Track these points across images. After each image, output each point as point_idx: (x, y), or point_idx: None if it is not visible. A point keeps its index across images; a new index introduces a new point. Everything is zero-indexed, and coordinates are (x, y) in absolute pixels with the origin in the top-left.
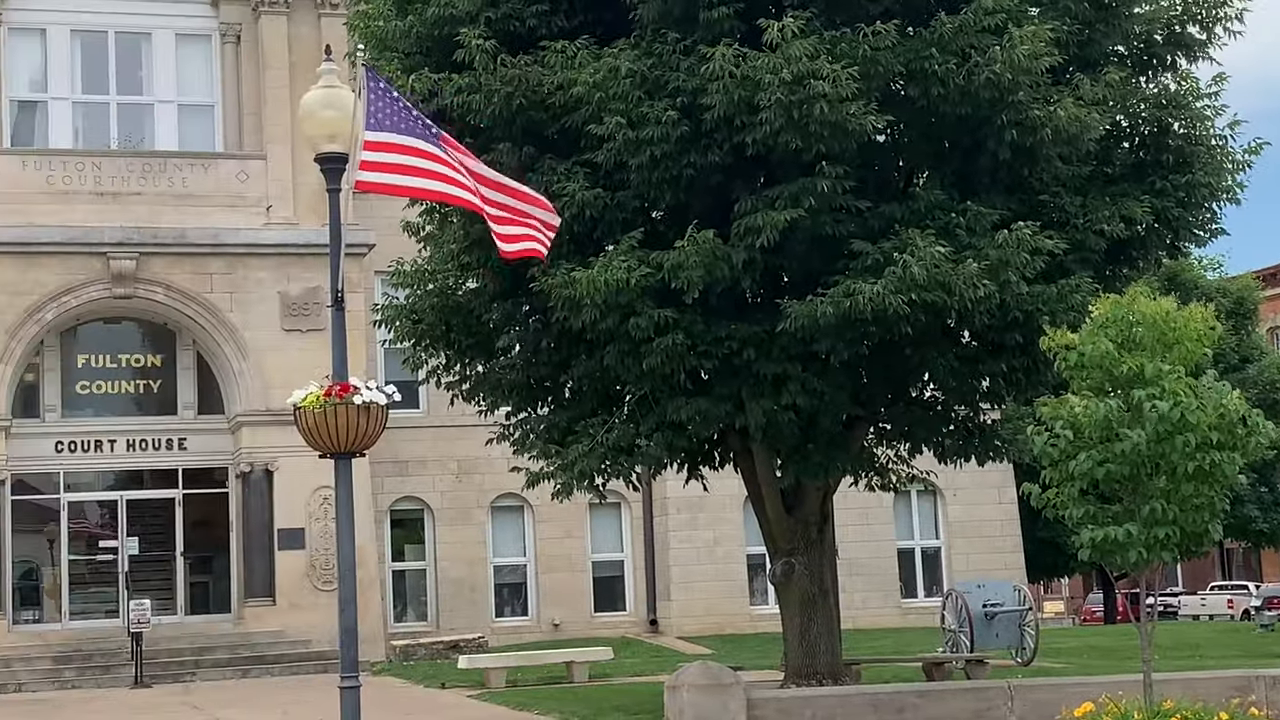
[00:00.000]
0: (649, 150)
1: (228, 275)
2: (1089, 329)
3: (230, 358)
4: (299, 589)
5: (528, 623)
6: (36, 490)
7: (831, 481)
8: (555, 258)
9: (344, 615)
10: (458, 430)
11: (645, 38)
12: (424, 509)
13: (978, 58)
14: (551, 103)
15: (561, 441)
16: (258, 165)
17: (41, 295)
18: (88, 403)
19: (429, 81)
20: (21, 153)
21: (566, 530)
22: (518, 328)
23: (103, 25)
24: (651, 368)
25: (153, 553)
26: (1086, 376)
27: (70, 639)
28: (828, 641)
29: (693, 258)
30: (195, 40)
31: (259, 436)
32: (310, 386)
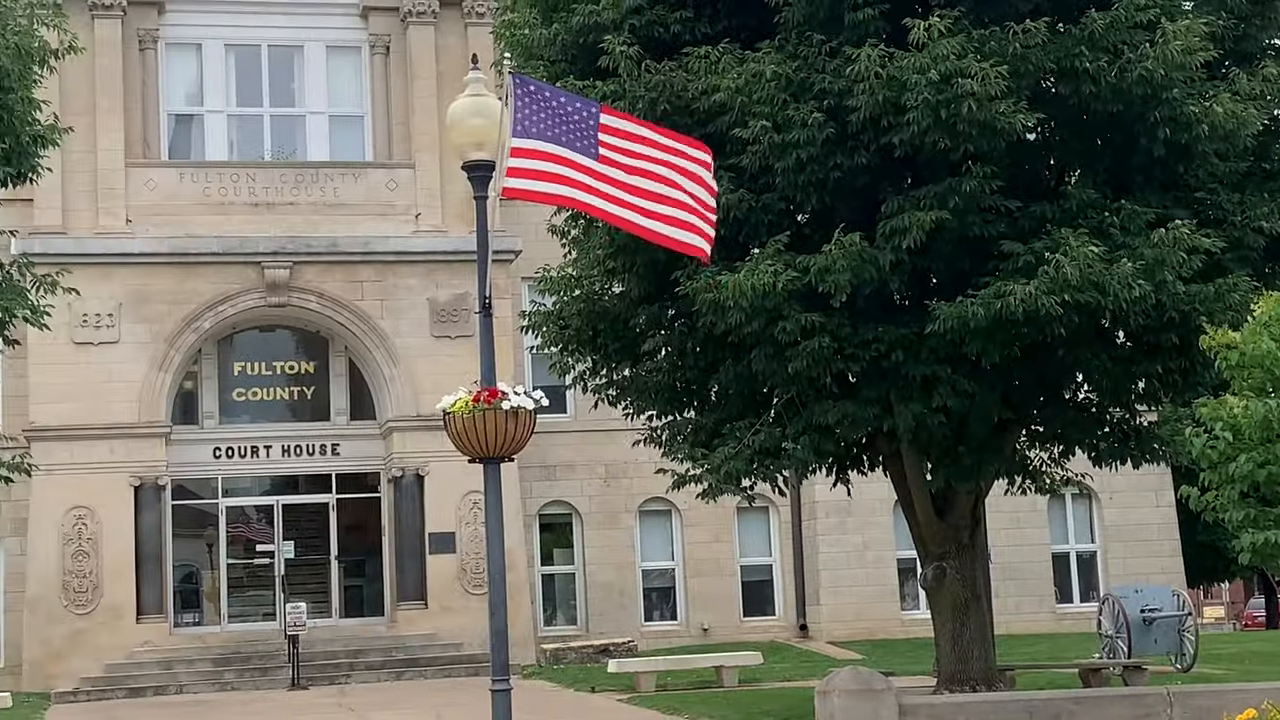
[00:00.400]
0: (794, 153)
1: (378, 283)
2: (1250, 328)
3: (381, 364)
4: (450, 592)
5: (676, 627)
6: (195, 495)
7: (983, 485)
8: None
9: (494, 619)
10: (605, 435)
11: (790, 40)
12: (572, 513)
13: (1130, 54)
14: (695, 108)
15: (708, 444)
16: (406, 174)
17: (199, 304)
18: (244, 409)
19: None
20: (179, 165)
21: (714, 534)
22: (663, 331)
23: (256, 39)
24: (798, 371)
25: (308, 556)
26: (1247, 376)
27: (229, 641)
28: (981, 647)
29: (839, 260)
30: (345, 52)
31: (410, 442)
32: (459, 392)
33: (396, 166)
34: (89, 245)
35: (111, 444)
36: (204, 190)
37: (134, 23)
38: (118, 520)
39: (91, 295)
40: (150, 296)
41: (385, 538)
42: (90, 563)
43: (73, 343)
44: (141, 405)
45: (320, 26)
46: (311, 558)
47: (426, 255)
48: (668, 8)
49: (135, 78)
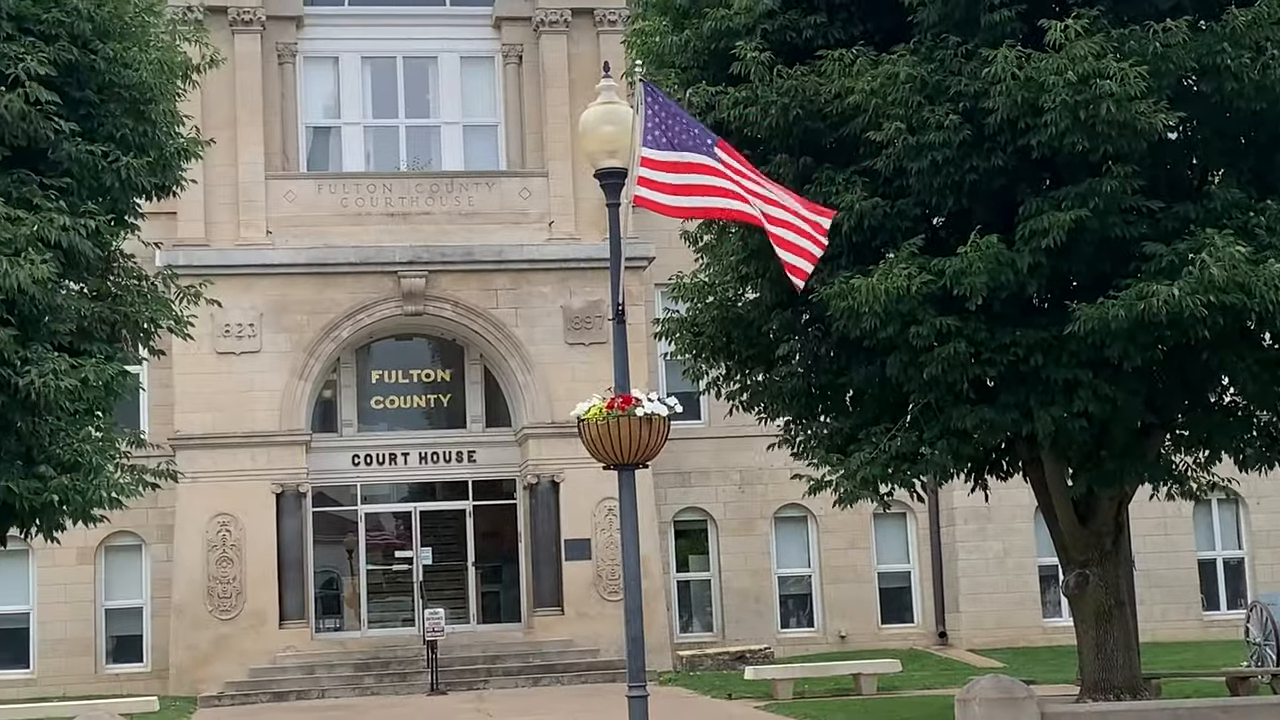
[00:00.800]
0: (930, 155)
1: (512, 291)
2: None
3: (515, 371)
4: (586, 599)
5: (813, 634)
6: (335, 502)
7: (1126, 490)
8: (834, 268)
9: (630, 625)
10: (739, 441)
11: (925, 43)
12: (707, 519)
13: (1274, 50)
14: (829, 112)
15: (843, 449)
16: (539, 182)
17: (337, 314)
18: (381, 417)
19: (706, 95)
20: (317, 177)
21: (851, 541)
22: (797, 336)
23: (391, 51)
24: (933, 376)
25: (445, 563)
26: None
27: (369, 646)
28: (1125, 655)
29: (976, 263)
30: (478, 62)
31: (544, 449)
32: (593, 399)
33: (529, 175)
34: (231, 257)
35: (254, 452)
36: (341, 201)
37: (273, 37)
38: (260, 527)
39: (233, 306)
40: (290, 306)
41: (521, 544)
42: (234, 569)
43: (215, 353)
44: (282, 414)
45: (454, 38)
46: (449, 564)
47: (560, 263)
48: (800, 12)
49: (274, 91)
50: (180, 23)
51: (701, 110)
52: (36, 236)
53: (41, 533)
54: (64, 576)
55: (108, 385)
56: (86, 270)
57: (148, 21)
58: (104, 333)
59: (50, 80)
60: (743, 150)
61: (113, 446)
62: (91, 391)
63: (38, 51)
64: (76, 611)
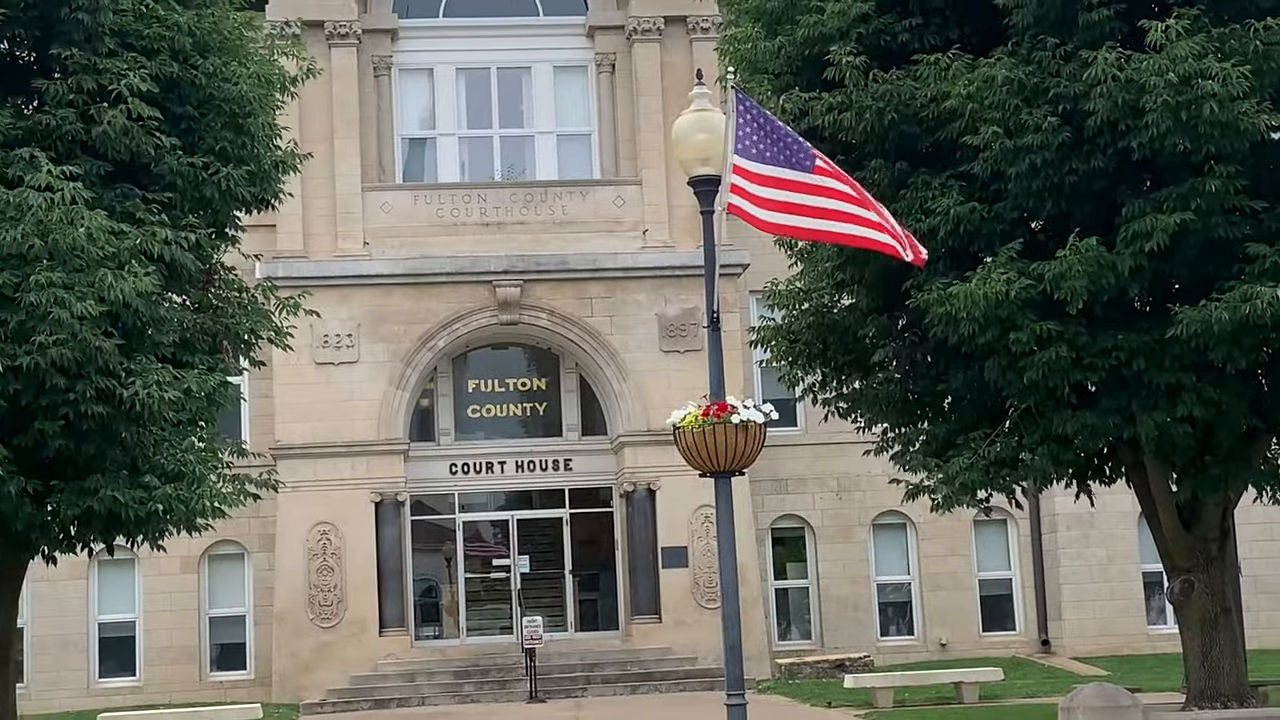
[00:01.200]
0: (1028, 158)
1: (607, 299)
2: None
3: (611, 379)
4: (683, 606)
5: (913, 642)
6: (433, 511)
7: (1231, 495)
8: (930, 273)
9: (728, 633)
10: (836, 447)
11: (1022, 45)
12: (804, 527)
13: None
14: (924, 116)
15: (942, 455)
16: (633, 190)
17: (434, 324)
18: (478, 426)
19: (799, 101)
20: (413, 188)
21: (951, 548)
22: (893, 342)
23: (485, 62)
24: (1034, 381)
25: (542, 571)
26: None
27: (468, 654)
28: (1232, 662)
29: (1076, 267)
30: (572, 71)
31: (640, 456)
32: (689, 406)
33: (623, 183)
34: (329, 268)
35: (353, 461)
36: (437, 211)
37: (369, 50)
38: (359, 535)
39: (331, 317)
40: (387, 317)
41: (618, 552)
42: (334, 577)
43: (314, 363)
44: (380, 423)
45: (547, 48)
46: (546, 572)
47: (654, 271)
48: (895, 16)
49: (370, 104)
50: (278, 37)
51: (795, 116)
52: (140, 250)
53: (147, 542)
54: (169, 585)
55: (210, 396)
56: (188, 283)
57: (246, 36)
58: (206, 344)
59: (152, 95)
60: (837, 157)
61: (215, 456)
62: (194, 402)
63: (139, 67)
64: (181, 620)
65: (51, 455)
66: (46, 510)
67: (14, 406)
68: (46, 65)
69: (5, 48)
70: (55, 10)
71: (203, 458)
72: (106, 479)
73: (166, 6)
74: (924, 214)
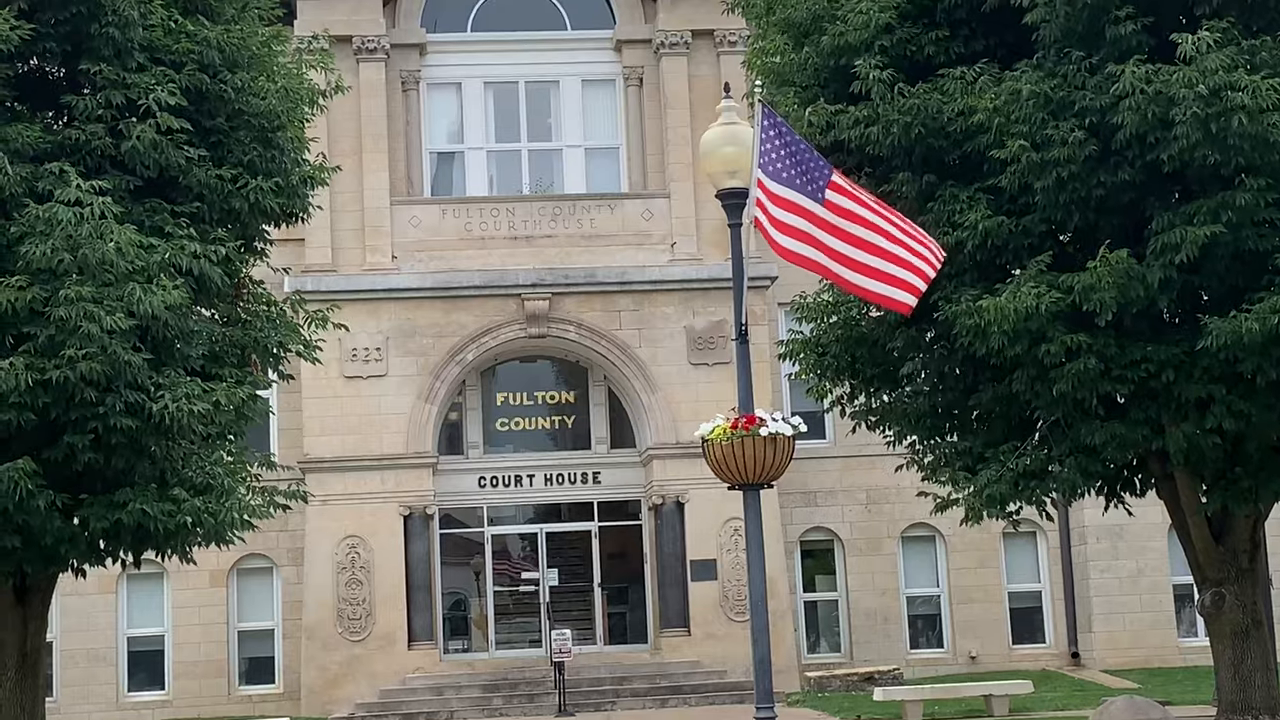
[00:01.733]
0: (1055, 172)
1: (635, 312)
2: None
3: (639, 392)
4: (712, 619)
5: (943, 655)
6: (462, 524)
7: (1262, 508)
8: (958, 285)
9: (757, 646)
10: (865, 460)
11: (1048, 58)
12: (834, 539)
13: None
14: (951, 129)
15: (971, 468)
16: (661, 203)
17: (462, 337)
18: (507, 439)
19: (825, 114)
20: (441, 202)
21: (980, 560)
22: (922, 355)
23: (513, 76)
24: (1063, 393)
25: (571, 584)
26: None
27: (497, 668)
28: (1264, 675)
29: (1105, 279)
30: (599, 85)
31: (669, 469)
32: (717, 419)
33: (651, 196)
34: (357, 282)
35: (382, 474)
36: (465, 225)
37: (397, 65)
38: (388, 549)
39: (360, 330)
40: (415, 330)
41: (647, 565)
42: (363, 590)
43: (343, 376)
44: (409, 436)
45: (575, 62)
46: (575, 585)
47: (682, 283)
48: (921, 28)
49: (398, 118)
50: (306, 51)
51: (821, 130)
52: (169, 263)
53: (176, 555)
54: (197, 599)
55: (239, 409)
56: (217, 296)
57: (275, 50)
58: (234, 357)
59: (181, 109)
60: (863, 169)
61: (244, 469)
62: (223, 415)
63: (168, 81)
64: (209, 634)
65: (81, 468)
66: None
67: (43, 420)
68: (76, 80)
69: (35, 64)
70: (85, 26)
71: (231, 470)
72: (135, 492)
73: (195, 22)
74: (951, 227)
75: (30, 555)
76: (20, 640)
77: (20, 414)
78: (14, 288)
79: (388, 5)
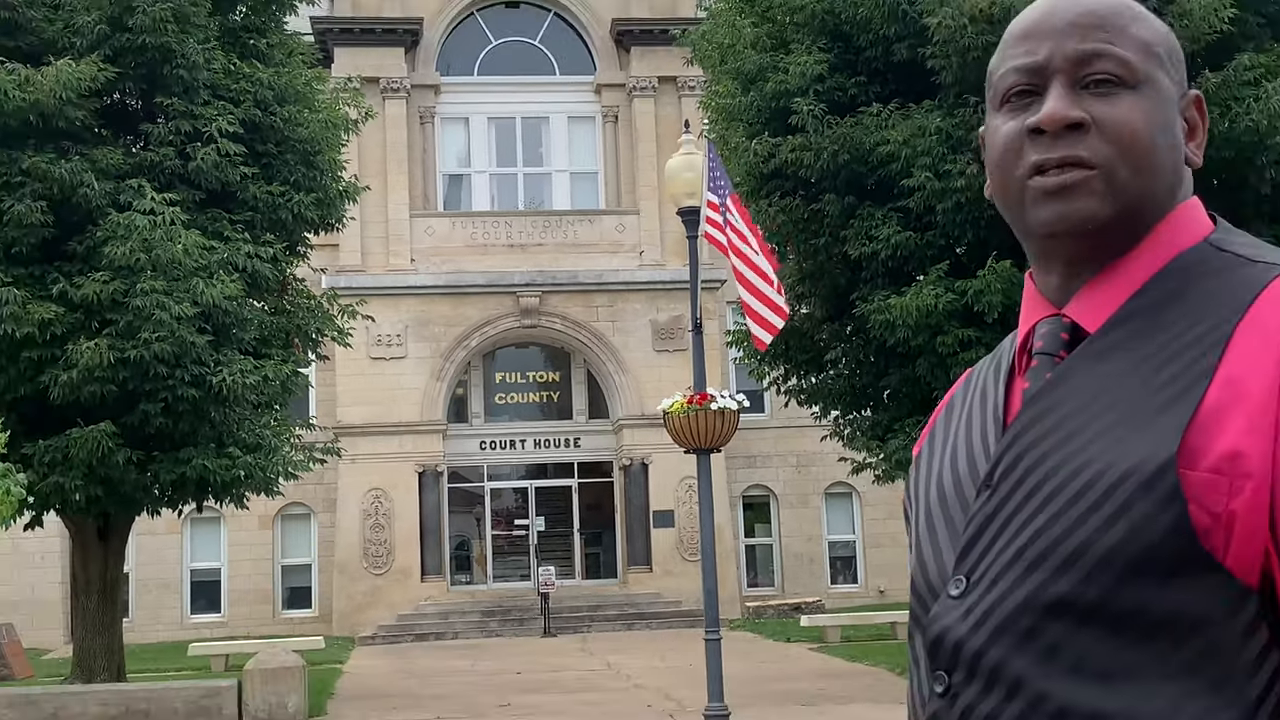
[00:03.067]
0: (953, 197)
1: (609, 307)
2: None
3: (612, 373)
4: (670, 559)
5: (857, 589)
6: (466, 480)
7: None
8: (873, 288)
9: (706, 581)
10: (796, 430)
11: (947, 100)
12: (769, 494)
13: (1238, 108)
14: (870, 157)
15: (882, 438)
16: (632, 219)
17: (468, 327)
18: (503, 410)
19: (768, 145)
20: (451, 215)
21: (888, 512)
22: (843, 345)
23: (511, 113)
24: (957, 377)
25: (555, 529)
26: None
27: (493, 597)
28: None
29: (993, 284)
30: (582, 121)
31: (636, 436)
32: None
33: (624, 213)
34: (382, 280)
35: (400, 438)
36: (471, 235)
37: (416, 102)
38: (405, 499)
39: (384, 320)
40: (430, 321)
41: (617, 514)
42: (384, 533)
43: (369, 358)
44: (423, 407)
45: (562, 101)
46: (558, 530)
47: (648, 284)
48: (846, 75)
49: (417, 146)
50: (341, 90)
51: (764, 158)
52: (227, 262)
53: (231, 502)
54: (249, 539)
55: (284, 383)
56: (266, 290)
57: (316, 89)
58: (280, 341)
59: (238, 136)
60: (797, 191)
61: (288, 431)
62: (270, 388)
63: (228, 113)
64: (258, 567)
65: (153, 431)
66: (148, 476)
67: (123, 391)
68: (151, 112)
69: (117, 98)
70: (159, 69)
71: (277, 433)
72: (198, 450)
73: (250, 65)
74: (868, 239)
75: (111, 502)
76: (103, 570)
77: (104, 386)
78: (99, 282)
79: (409, 53)
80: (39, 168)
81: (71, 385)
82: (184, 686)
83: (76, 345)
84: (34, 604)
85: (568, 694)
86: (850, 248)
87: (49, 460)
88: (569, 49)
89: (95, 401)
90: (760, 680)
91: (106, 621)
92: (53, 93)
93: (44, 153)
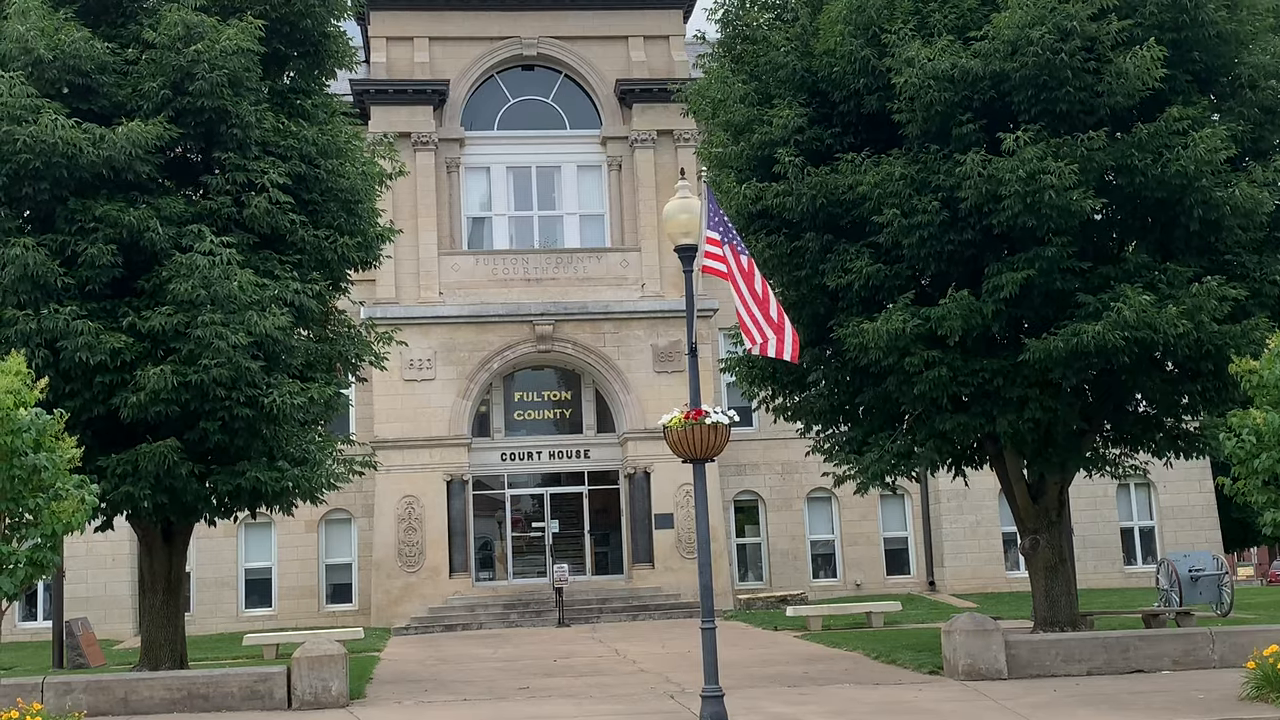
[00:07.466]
0: (918, 233)
1: (615, 334)
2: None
3: (618, 392)
4: (670, 556)
5: (836, 583)
6: (489, 487)
7: (1066, 477)
8: (848, 316)
9: (702, 576)
10: (781, 442)
11: (913, 149)
12: (758, 499)
13: (1169, 154)
14: (844, 200)
15: (859, 450)
16: (634, 255)
17: (490, 351)
18: (522, 425)
19: (755, 189)
20: (475, 253)
21: (864, 515)
22: (822, 367)
23: (527, 162)
24: (922, 393)
25: (568, 531)
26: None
27: (513, 592)
28: (1066, 598)
29: (953, 311)
30: (590, 170)
31: (640, 448)
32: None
33: (627, 250)
34: (414, 311)
35: (430, 451)
36: (492, 270)
37: (443, 153)
38: (435, 505)
39: (415, 346)
40: (456, 347)
41: (623, 517)
42: (416, 536)
43: (403, 380)
44: (451, 423)
45: (573, 152)
46: (571, 531)
47: (649, 313)
48: (823, 128)
49: (444, 192)
50: (377, 144)
51: (752, 200)
52: (277, 297)
53: (281, 509)
54: (296, 541)
55: (327, 403)
56: (312, 321)
57: (355, 144)
58: (324, 365)
59: (286, 187)
60: (781, 230)
61: (331, 446)
62: (315, 407)
63: (277, 166)
64: (304, 567)
65: (211, 446)
66: (207, 487)
67: (185, 411)
68: (210, 165)
69: (179, 153)
70: (216, 127)
71: (321, 447)
72: (252, 464)
73: (297, 124)
74: (844, 271)
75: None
76: (167, 569)
77: (168, 407)
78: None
79: (437, 110)
80: (110, 215)
81: (140, 406)
82: (239, 673)
83: (144, 371)
84: (106, 600)
85: (580, 677)
86: (828, 279)
87: (120, 472)
88: (578, 106)
89: (161, 420)
90: (751, 664)
91: (170, 615)
92: (123, 149)
93: (115, 202)
